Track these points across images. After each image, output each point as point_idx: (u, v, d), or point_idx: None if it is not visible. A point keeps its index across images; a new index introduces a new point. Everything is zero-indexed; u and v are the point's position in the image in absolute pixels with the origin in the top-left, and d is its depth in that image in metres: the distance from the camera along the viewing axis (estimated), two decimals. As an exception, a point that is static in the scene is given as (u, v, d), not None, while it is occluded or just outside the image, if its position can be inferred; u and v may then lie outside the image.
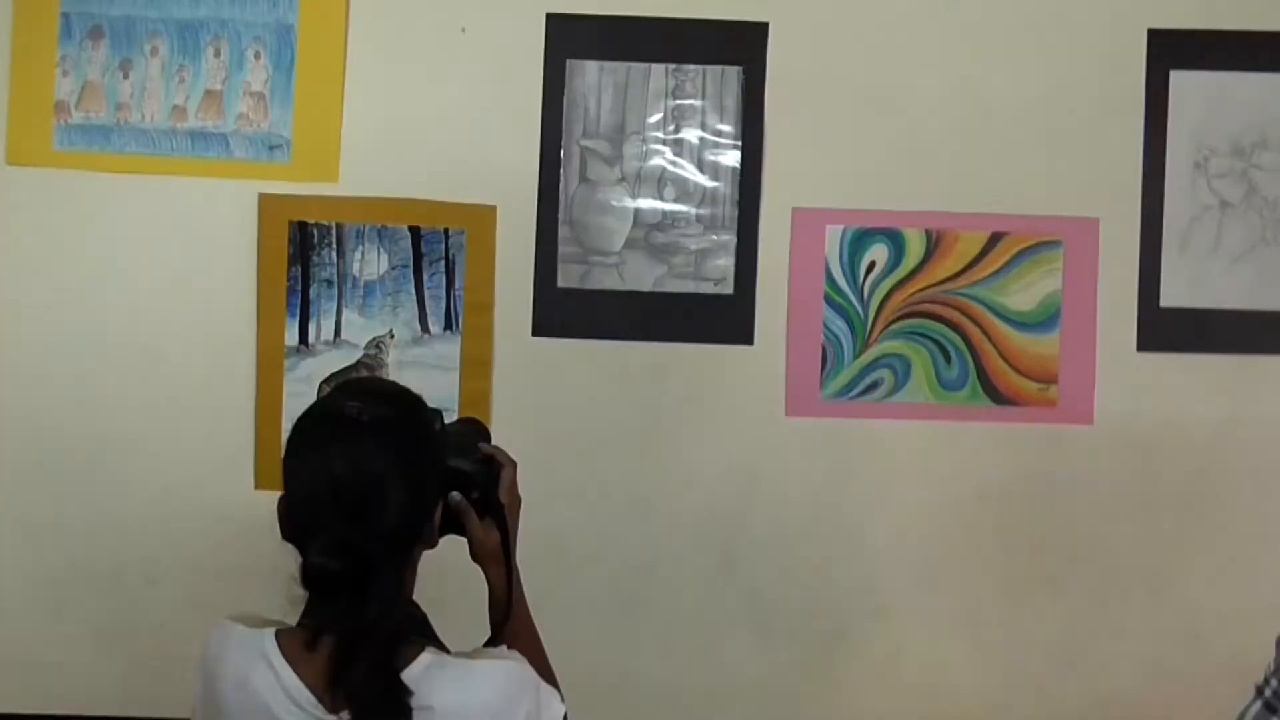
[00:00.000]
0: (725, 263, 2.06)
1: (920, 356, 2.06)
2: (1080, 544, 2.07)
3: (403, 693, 1.25)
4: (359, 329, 2.05)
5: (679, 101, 2.05)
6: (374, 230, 2.04)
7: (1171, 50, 2.06)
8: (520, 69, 2.05)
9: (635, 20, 2.04)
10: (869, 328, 2.06)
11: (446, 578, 1.45)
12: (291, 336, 2.04)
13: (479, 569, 1.45)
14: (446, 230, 2.04)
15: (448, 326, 2.05)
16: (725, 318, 2.05)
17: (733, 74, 2.05)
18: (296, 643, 1.30)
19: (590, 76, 2.05)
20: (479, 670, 1.30)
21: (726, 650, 2.08)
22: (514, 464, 1.48)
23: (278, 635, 1.31)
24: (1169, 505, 2.08)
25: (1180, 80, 2.06)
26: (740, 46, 2.05)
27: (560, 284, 2.05)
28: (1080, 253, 2.06)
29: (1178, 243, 2.07)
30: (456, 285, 2.05)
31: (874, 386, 2.06)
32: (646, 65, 2.05)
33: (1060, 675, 2.08)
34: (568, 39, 2.04)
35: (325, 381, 2.04)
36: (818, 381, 2.06)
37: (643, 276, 2.06)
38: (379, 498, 1.27)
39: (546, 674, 1.41)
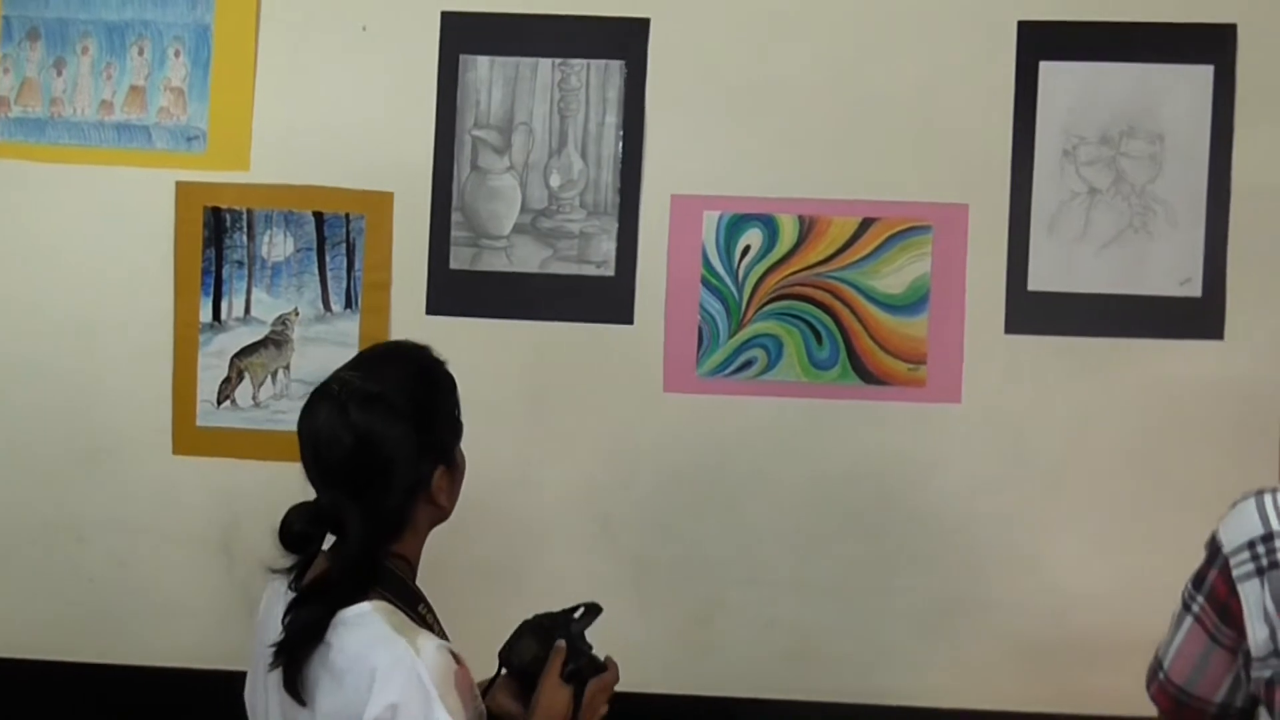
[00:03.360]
0: (607, 247, 2.17)
1: (792, 337, 2.15)
2: (948, 520, 2.14)
3: (323, 627, 1.41)
4: (267, 307, 2.20)
5: (565, 94, 2.17)
6: (281, 215, 2.19)
7: (1041, 41, 2.12)
8: (417, 64, 2.18)
9: (524, 17, 2.17)
10: (743, 309, 2.15)
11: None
12: (206, 313, 2.20)
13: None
14: (348, 215, 2.19)
15: (348, 305, 2.19)
16: (607, 299, 2.16)
17: (615, 68, 2.16)
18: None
19: (482, 71, 2.18)
20: (387, 638, 1.39)
21: (608, 615, 2.17)
22: (616, 678, 1.61)
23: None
24: (1036, 484, 2.13)
25: (1050, 70, 2.12)
26: (623, 41, 2.16)
27: (453, 266, 2.18)
28: (949, 238, 2.13)
29: (1046, 228, 2.12)
30: (356, 267, 2.19)
31: (748, 365, 2.16)
32: (534, 60, 2.17)
33: (928, 648, 2.15)
34: (461, 35, 2.17)
35: (236, 355, 2.19)
36: (694, 360, 2.16)
37: (529, 259, 2.18)
38: (349, 468, 1.45)
39: None
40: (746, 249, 2.15)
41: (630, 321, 2.17)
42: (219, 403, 2.19)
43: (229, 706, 2.17)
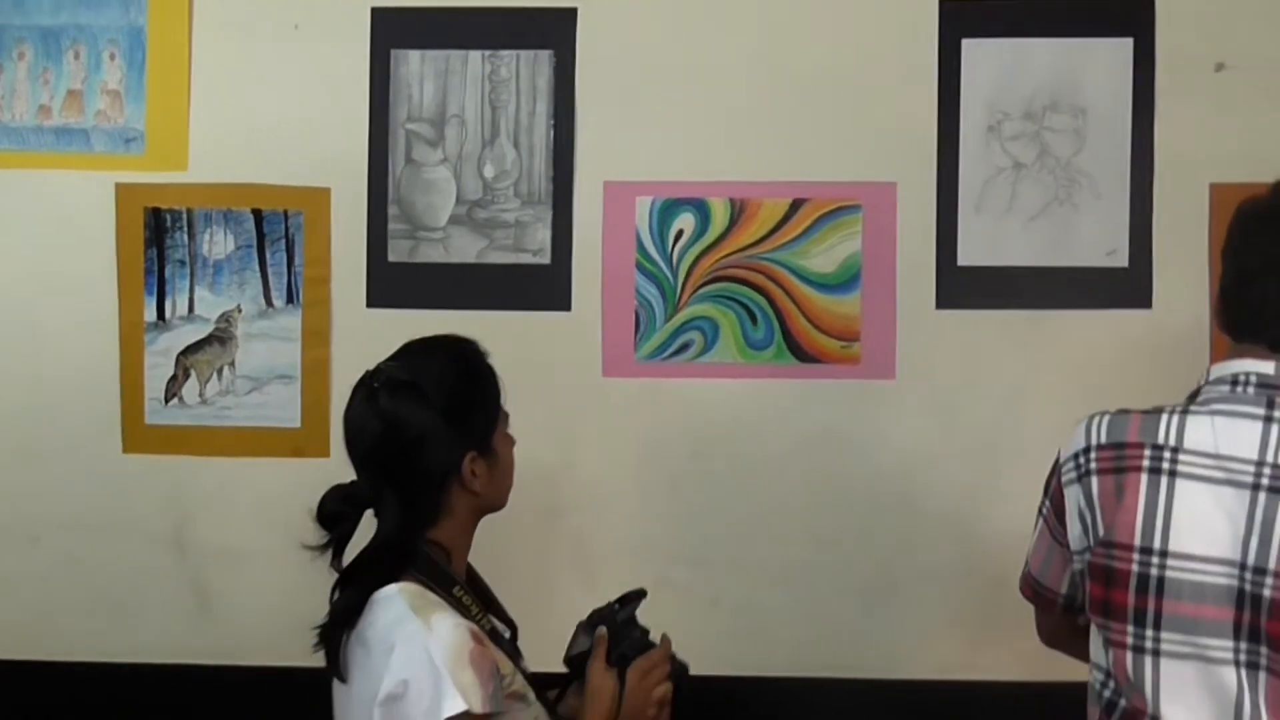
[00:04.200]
0: (542, 235, 2.20)
1: (728, 319, 2.18)
2: (885, 494, 2.17)
3: (359, 608, 1.49)
4: (210, 304, 2.23)
5: (496, 85, 2.20)
6: (220, 214, 2.22)
7: (963, 19, 2.15)
8: (349, 61, 2.21)
9: (453, 11, 2.20)
10: (678, 293, 2.18)
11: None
12: (150, 313, 2.23)
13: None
14: (286, 212, 2.21)
15: (289, 300, 2.22)
16: (544, 286, 2.19)
17: (545, 57, 2.19)
18: None
19: (413, 65, 2.20)
20: (408, 616, 1.45)
21: (554, 596, 2.21)
22: (680, 671, 1.66)
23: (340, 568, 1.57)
24: (971, 456, 2.17)
25: (972, 47, 2.15)
26: (551, 31, 2.18)
27: (391, 258, 2.21)
28: (879, 216, 2.16)
29: (973, 204, 2.15)
30: (296, 262, 2.22)
31: (685, 348, 2.19)
32: (465, 52, 2.20)
33: (870, 621, 2.18)
34: (392, 30, 2.20)
35: (181, 353, 2.22)
36: (632, 344, 2.19)
37: (466, 250, 2.21)
38: (380, 452, 1.52)
39: None
40: (680, 233, 2.18)
41: (568, 308, 2.20)
42: (166, 400, 2.22)
43: (183, 701, 2.23)
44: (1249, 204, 1.48)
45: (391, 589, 1.49)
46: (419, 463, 1.52)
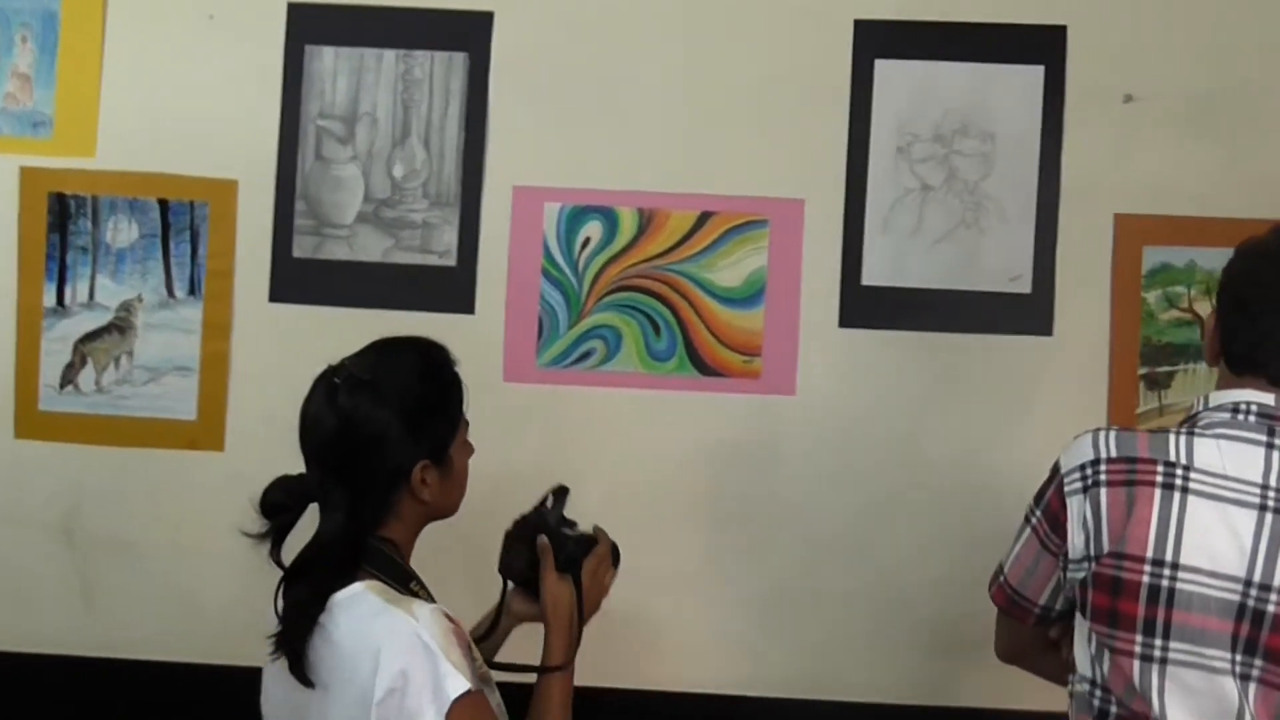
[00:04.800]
0: (449, 237, 2.18)
1: (631, 328, 2.17)
2: (784, 511, 2.16)
3: (318, 609, 1.44)
4: (111, 293, 2.20)
5: (409, 85, 2.19)
6: (126, 202, 2.20)
7: (876, 40, 2.15)
8: (262, 54, 2.20)
9: (369, 9, 2.19)
10: (583, 300, 2.17)
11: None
12: (49, 299, 2.20)
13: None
14: (192, 203, 2.20)
15: (191, 292, 2.20)
16: (448, 288, 2.18)
17: (459, 59, 2.18)
18: None
19: (327, 61, 2.19)
20: (384, 610, 1.43)
21: (450, 603, 2.19)
22: (612, 550, 1.70)
23: (280, 561, 1.54)
24: (869, 476, 2.16)
25: (885, 69, 2.15)
26: (466, 34, 2.18)
27: (296, 254, 2.19)
28: (786, 232, 2.16)
29: (880, 224, 2.16)
30: (200, 254, 2.20)
31: (587, 356, 2.17)
32: (379, 51, 2.19)
33: (766, 638, 2.17)
34: (307, 26, 2.19)
35: (79, 341, 2.20)
36: (534, 350, 2.18)
37: (372, 248, 2.19)
38: (332, 448, 1.50)
39: None
40: (587, 241, 2.17)
41: (471, 311, 2.19)
42: (61, 387, 2.20)
43: (68, 694, 2.20)
44: (1254, 244, 1.56)
45: (356, 588, 1.46)
46: (370, 463, 1.50)
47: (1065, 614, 1.59)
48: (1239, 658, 1.40)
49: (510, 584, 1.74)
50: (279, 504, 1.54)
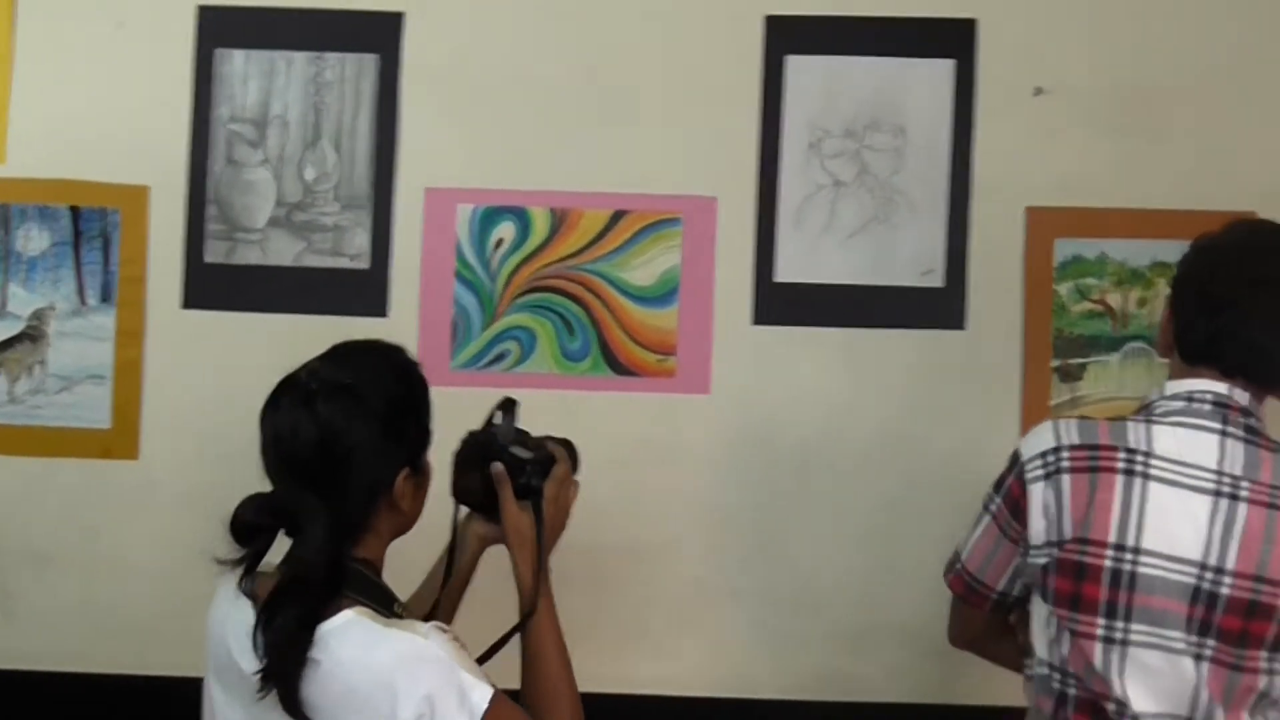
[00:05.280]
0: (361, 240, 2.18)
1: (545, 329, 2.16)
2: (698, 509, 2.16)
3: (307, 642, 1.31)
4: (22, 301, 2.19)
5: (319, 87, 2.18)
6: (36, 209, 2.19)
7: (787, 36, 2.15)
8: (172, 59, 2.19)
9: (279, 11, 2.18)
10: (496, 302, 2.17)
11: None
12: (-40, 308, 2.19)
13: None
14: (104, 209, 2.18)
15: (104, 299, 2.19)
16: (361, 292, 2.17)
17: (370, 61, 2.18)
18: (266, 585, 1.38)
19: (237, 64, 2.18)
20: (386, 636, 1.32)
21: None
22: (569, 465, 1.61)
23: (255, 579, 1.40)
24: (784, 473, 2.16)
25: (796, 64, 2.15)
26: (377, 35, 2.17)
27: (208, 259, 2.18)
28: (698, 230, 2.15)
29: (792, 220, 2.15)
30: (112, 261, 2.19)
31: (501, 357, 2.17)
32: (289, 53, 2.18)
33: (680, 636, 2.17)
34: (217, 29, 2.18)
35: (-7, 350, 2.19)
36: (448, 352, 2.17)
37: (284, 252, 2.18)
38: (311, 460, 1.37)
39: (562, 678, 1.50)
40: (500, 242, 2.17)
41: (384, 314, 2.18)
42: (-26, 398, 2.19)
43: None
44: (1210, 239, 1.59)
45: (345, 615, 1.34)
46: (352, 475, 1.38)
47: (1021, 600, 1.62)
48: (1194, 638, 1.45)
49: (463, 508, 1.64)
50: (255, 526, 1.38)
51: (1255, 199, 2.11)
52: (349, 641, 1.32)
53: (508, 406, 1.61)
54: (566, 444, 1.69)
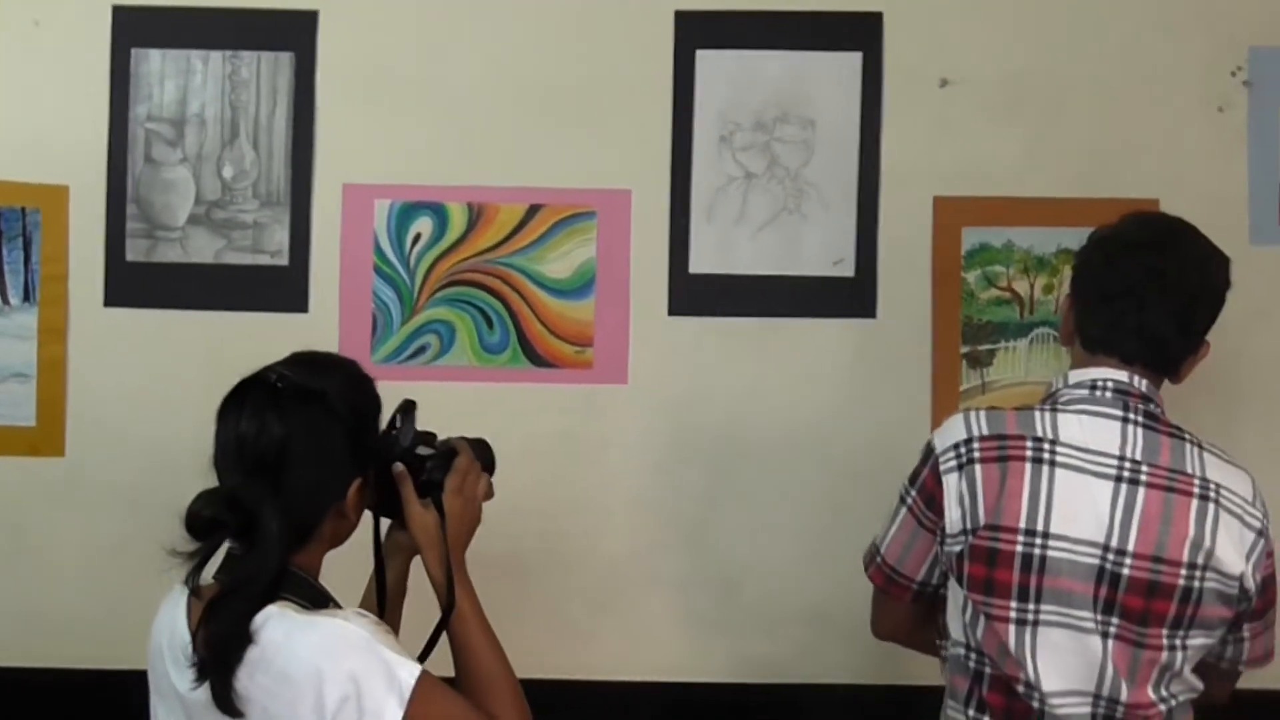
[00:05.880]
0: (280, 236, 2.20)
1: (464, 322, 2.20)
2: (617, 498, 2.20)
3: (245, 638, 1.34)
4: (-55, 301, 2.21)
5: (236, 86, 2.20)
6: (-43, 210, 2.21)
7: (697, 30, 2.18)
8: (89, 59, 2.20)
9: (195, 11, 2.19)
10: (415, 296, 2.20)
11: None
12: (-117, 309, 2.21)
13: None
14: (24, 209, 2.20)
15: (26, 298, 2.21)
16: (281, 288, 2.20)
17: (285, 59, 2.20)
18: (205, 593, 1.40)
19: (154, 64, 2.20)
20: (309, 623, 1.35)
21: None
22: (471, 457, 1.60)
23: (197, 587, 1.40)
24: (700, 461, 2.20)
25: (706, 59, 2.18)
26: (292, 34, 2.19)
27: (129, 258, 2.20)
28: (613, 223, 2.19)
29: (705, 212, 2.19)
30: (33, 260, 2.21)
31: (421, 351, 2.20)
32: (205, 52, 2.20)
33: (600, 621, 2.21)
34: (133, 29, 2.20)
35: (-85, 351, 2.20)
36: (369, 347, 2.20)
37: (204, 250, 2.20)
38: (286, 463, 1.38)
39: (499, 668, 1.51)
40: (418, 237, 2.19)
41: (305, 310, 2.20)
42: (-101, 398, 2.20)
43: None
44: (1107, 231, 1.66)
45: (268, 611, 1.36)
46: (312, 480, 1.41)
47: (940, 588, 1.67)
48: (1100, 616, 1.52)
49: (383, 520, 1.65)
50: (213, 521, 1.37)
51: (1158, 186, 2.17)
52: (275, 631, 1.35)
53: (407, 409, 1.63)
54: (480, 442, 1.70)
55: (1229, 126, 2.17)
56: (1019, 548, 1.53)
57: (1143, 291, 1.58)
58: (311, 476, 1.42)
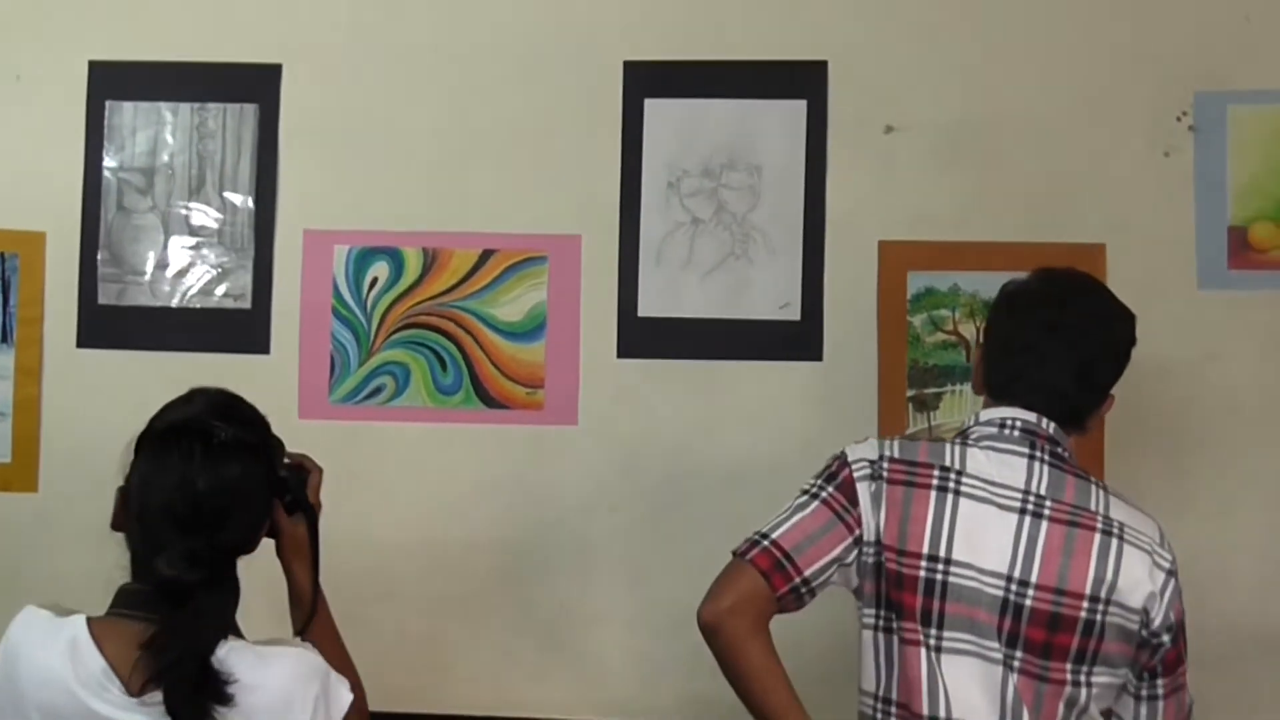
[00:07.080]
0: (244, 281, 2.28)
1: (419, 364, 2.25)
2: (567, 537, 2.24)
3: (219, 676, 1.38)
4: (-74, 342, 2.32)
5: (203, 136, 2.29)
6: (-61, 255, 2.31)
7: (646, 80, 2.24)
8: (66, 111, 2.31)
9: (165, 65, 2.29)
10: (372, 338, 2.26)
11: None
12: None
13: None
14: (3, 254, 2.30)
15: (3, 339, 2.30)
16: (244, 330, 2.28)
17: (250, 111, 2.28)
18: (108, 629, 1.43)
19: (126, 115, 2.30)
20: (273, 655, 1.43)
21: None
22: (320, 470, 1.67)
23: (89, 622, 1.44)
24: (648, 501, 2.23)
25: (654, 107, 2.23)
26: (256, 86, 2.28)
27: (100, 301, 2.29)
28: (564, 267, 2.24)
29: (653, 257, 2.23)
30: (11, 303, 2.30)
31: (377, 392, 2.26)
32: (175, 104, 2.29)
33: (550, 660, 2.24)
34: (107, 83, 2.30)
35: (-100, 389, 2.30)
36: (327, 387, 2.26)
37: (172, 294, 2.29)
38: (234, 514, 1.47)
39: (347, 666, 1.57)
40: (375, 280, 2.26)
41: (267, 351, 2.28)
42: (-119, 434, 2.30)
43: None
44: (1015, 285, 1.69)
45: (226, 646, 1.40)
46: (255, 520, 1.53)
47: (808, 597, 1.60)
48: (1005, 650, 1.54)
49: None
50: (190, 583, 1.41)
51: (1105, 231, 2.18)
52: (244, 667, 1.40)
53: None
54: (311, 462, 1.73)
55: (1175, 171, 2.18)
56: (922, 573, 1.55)
57: (1044, 347, 1.61)
58: (254, 518, 1.53)
